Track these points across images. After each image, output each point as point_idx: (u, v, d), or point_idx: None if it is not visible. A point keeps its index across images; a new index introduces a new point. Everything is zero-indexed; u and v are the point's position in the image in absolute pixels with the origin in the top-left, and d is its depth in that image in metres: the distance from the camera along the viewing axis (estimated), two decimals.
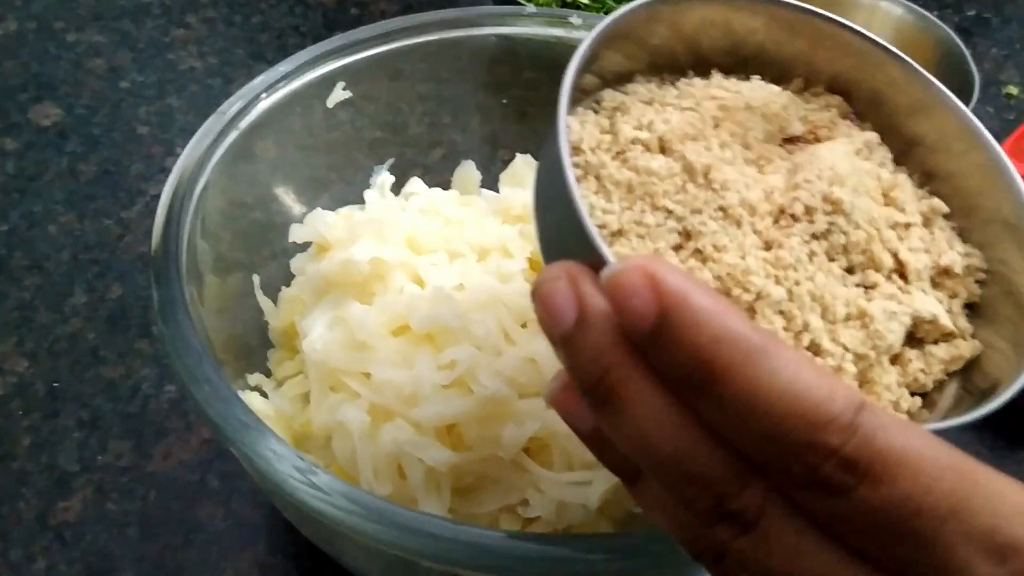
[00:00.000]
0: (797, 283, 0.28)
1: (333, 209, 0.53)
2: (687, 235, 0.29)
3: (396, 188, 0.56)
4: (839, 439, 0.21)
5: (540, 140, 0.30)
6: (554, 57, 0.57)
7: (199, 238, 0.43)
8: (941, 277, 0.31)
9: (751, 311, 0.28)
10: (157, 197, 0.65)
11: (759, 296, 0.28)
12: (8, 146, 0.68)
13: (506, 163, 0.58)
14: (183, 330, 0.37)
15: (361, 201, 0.54)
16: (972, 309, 0.32)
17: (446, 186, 0.58)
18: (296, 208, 0.53)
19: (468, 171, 0.57)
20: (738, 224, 0.29)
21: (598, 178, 0.30)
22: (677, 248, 0.29)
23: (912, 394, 0.30)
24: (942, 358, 0.30)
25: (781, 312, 0.28)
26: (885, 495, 0.21)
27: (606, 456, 0.28)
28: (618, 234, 0.29)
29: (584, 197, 0.29)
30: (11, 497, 0.51)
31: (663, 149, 0.30)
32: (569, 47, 0.56)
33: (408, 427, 0.39)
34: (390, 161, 0.57)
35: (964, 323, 0.31)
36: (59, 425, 0.54)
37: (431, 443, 0.39)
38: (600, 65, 0.32)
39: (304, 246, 0.50)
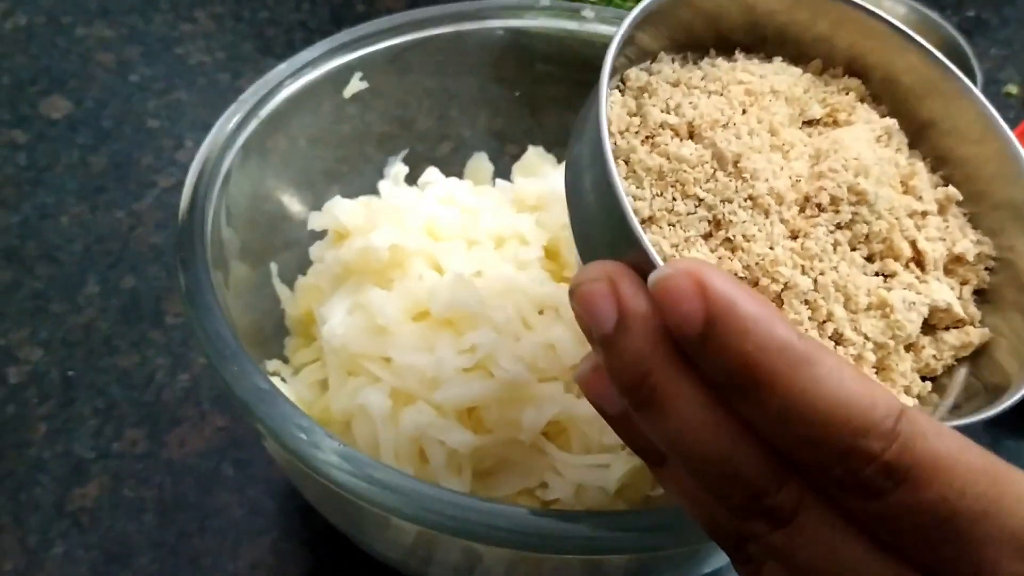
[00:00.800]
0: (822, 273, 0.29)
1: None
2: (716, 224, 0.29)
3: (407, 180, 0.56)
4: (880, 445, 0.22)
5: (576, 123, 0.30)
6: (565, 50, 0.58)
7: (224, 224, 0.43)
8: (953, 264, 0.32)
9: (778, 301, 0.28)
10: (167, 189, 0.67)
11: (786, 286, 0.28)
12: (19, 139, 0.69)
13: (514, 157, 0.58)
14: (211, 310, 0.37)
15: (371, 193, 0.55)
16: (980, 295, 0.32)
17: (456, 178, 0.58)
18: (307, 198, 0.54)
19: (481, 162, 0.57)
20: (766, 213, 0.29)
21: (628, 163, 0.30)
22: (707, 236, 0.29)
23: (923, 379, 0.30)
24: (953, 344, 0.31)
25: (807, 302, 0.28)
26: (922, 498, 0.22)
27: (632, 440, 0.28)
28: (649, 221, 0.29)
29: (623, 181, 0.29)
30: (28, 484, 0.51)
31: (692, 135, 0.30)
32: (580, 40, 0.56)
33: (430, 410, 0.40)
34: (404, 152, 0.57)
35: (973, 310, 0.32)
36: (74, 413, 0.54)
37: (453, 426, 0.40)
38: (634, 48, 0.32)
39: (319, 235, 0.51)
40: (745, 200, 0.29)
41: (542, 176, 0.53)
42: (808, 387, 0.22)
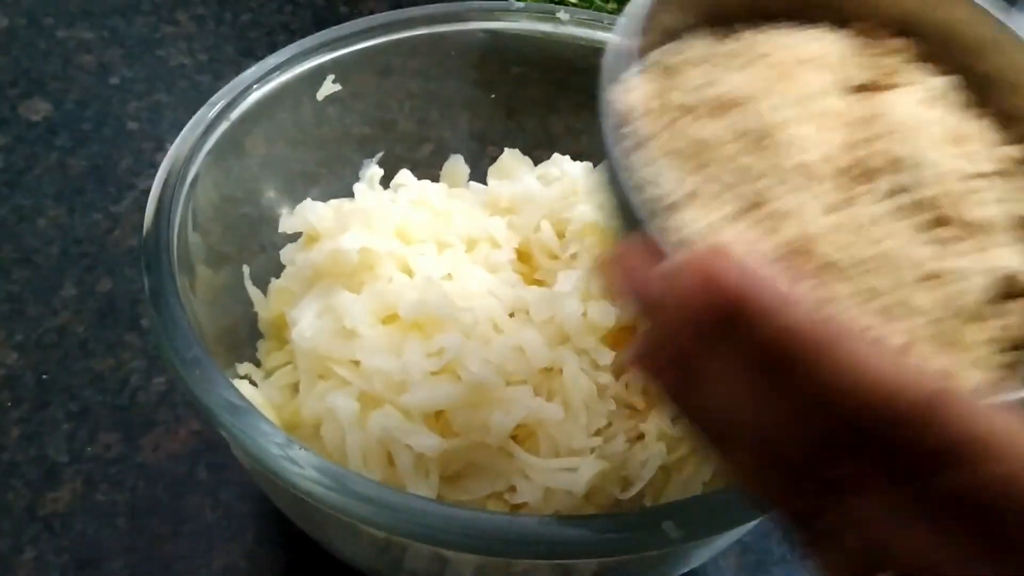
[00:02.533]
0: (870, 245, 0.27)
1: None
2: (753, 200, 0.28)
3: (384, 182, 0.56)
4: (915, 429, 0.21)
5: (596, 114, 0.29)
6: (542, 53, 0.57)
7: (190, 229, 0.43)
8: (1021, 229, 0.29)
9: (817, 277, 0.27)
10: (146, 192, 0.65)
11: (826, 262, 0.27)
12: None
13: (493, 160, 0.58)
14: (174, 314, 0.37)
15: (349, 195, 0.54)
16: None
17: (434, 181, 0.58)
18: (284, 202, 0.53)
19: (457, 165, 0.57)
20: (804, 187, 0.28)
21: (659, 145, 0.29)
22: (744, 212, 0.28)
23: (1006, 350, 0.28)
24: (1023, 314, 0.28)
25: (850, 277, 0.27)
26: (967, 479, 0.21)
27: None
28: (685, 201, 0.28)
29: (645, 166, 0.28)
30: (0, 488, 0.51)
31: (723, 110, 0.29)
32: (557, 43, 0.56)
33: (397, 414, 0.40)
34: (379, 155, 0.57)
35: None
36: (48, 416, 0.54)
37: (419, 429, 0.39)
38: (658, 24, 0.31)
39: (293, 237, 0.50)
40: (781, 174, 0.28)
41: (517, 179, 0.53)
42: (832, 371, 0.22)
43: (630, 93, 0.30)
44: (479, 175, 0.58)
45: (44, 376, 0.56)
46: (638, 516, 0.33)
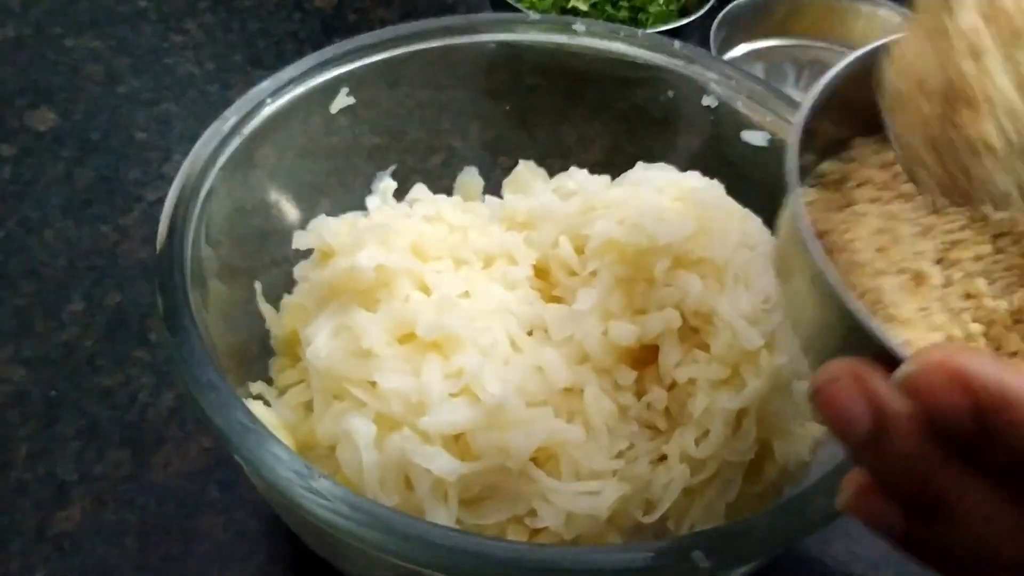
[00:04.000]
0: None
1: (333, 215, 0.53)
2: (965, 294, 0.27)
3: (397, 195, 0.55)
4: None
5: (777, 227, 0.29)
6: (555, 63, 0.57)
7: (203, 243, 0.42)
8: None
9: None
10: (154, 203, 0.66)
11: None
12: (5, 152, 0.68)
13: (506, 170, 0.58)
14: (188, 336, 0.36)
15: (360, 207, 0.54)
16: None
17: (446, 193, 0.57)
18: (296, 214, 0.53)
19: (471, 177, 0.57)
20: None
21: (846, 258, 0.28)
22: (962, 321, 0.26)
23: None
24: None
25: None
26: None
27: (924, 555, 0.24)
28: (901, 312, 0.26)
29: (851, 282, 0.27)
30: (9, 507, 0.50)
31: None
32: (571, 54, 0.56)
33: (415, 436, 0.39)
34: (392, 167, 0.56)
35: None
36: (57, 434, 0.53)
37: (438, 453, 0.39)
38: (813, 138, 0.30)
39: (306, 253, 0.50)
40: (991, 263, 0.27)
41: (533, 192, 0.52)
42: None
43: (810, 206, 0.29)
44: (491, 185, 0.58)
45: (52, 392, 0.55)
46: (667, 545, 0.32)
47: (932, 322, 0.26)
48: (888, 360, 0.22)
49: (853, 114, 0.30)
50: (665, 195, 0.46)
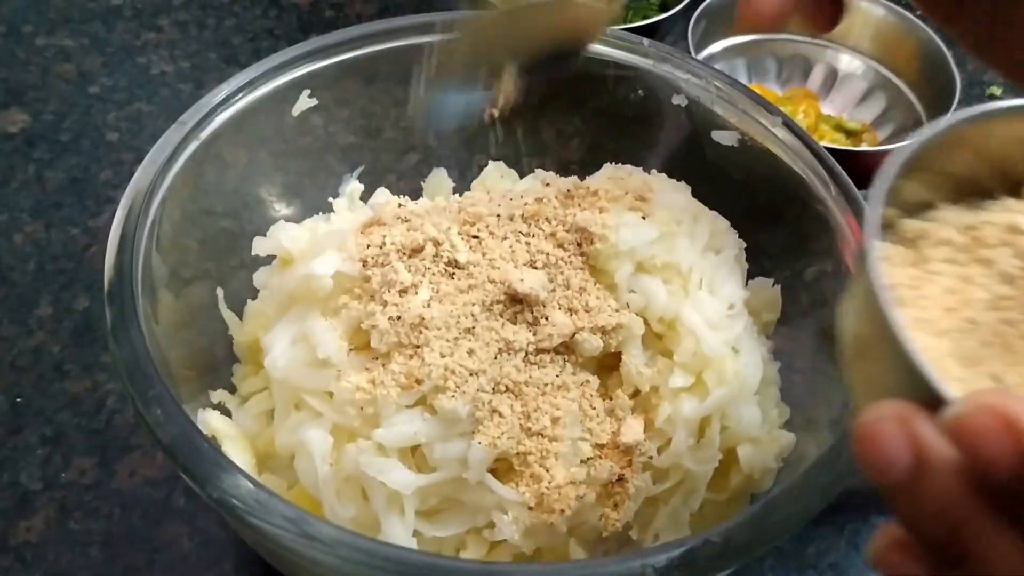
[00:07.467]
0: None
1: (307, 215, 0.52)
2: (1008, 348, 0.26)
3: (369, 192, 0.54)
4: None
5: (851, 280, 0.29)
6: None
7: (155, 252, 0.41)
8: None
9: None
10: None
11: None
12: None
13: (482, 168, 0.57)
14: (134, 349, 0.36)
15: (331, 209, 0.53)
16: None
17: (420, 190, 0.57)
18: (268, 214, 0.52)
19: (439, 178, 0.56)
20: None
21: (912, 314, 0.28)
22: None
23: None
24: None
25: None
26: None
27: None
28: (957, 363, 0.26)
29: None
30: None
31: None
32: None
33: (370, 448, 0.38)
34: (359, 169, 0.55)
35: None
36: (21, 441, 0.53)
37: (394, 465, 0.38)
38: (895, 197, 0.29)
39: (270, 258, 0.49)
40: None
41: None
42: None
43: (887, 262, 0.29)
44: (467, 184, 0.57)
45: (18, 399, 0.54)
46: (619, 568, 0.31)
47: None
48: (937, 410, 0.22)
49: (937, 178, 0.30)
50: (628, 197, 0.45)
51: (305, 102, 0.51)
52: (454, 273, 0.42)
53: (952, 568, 0.22)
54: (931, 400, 0.22)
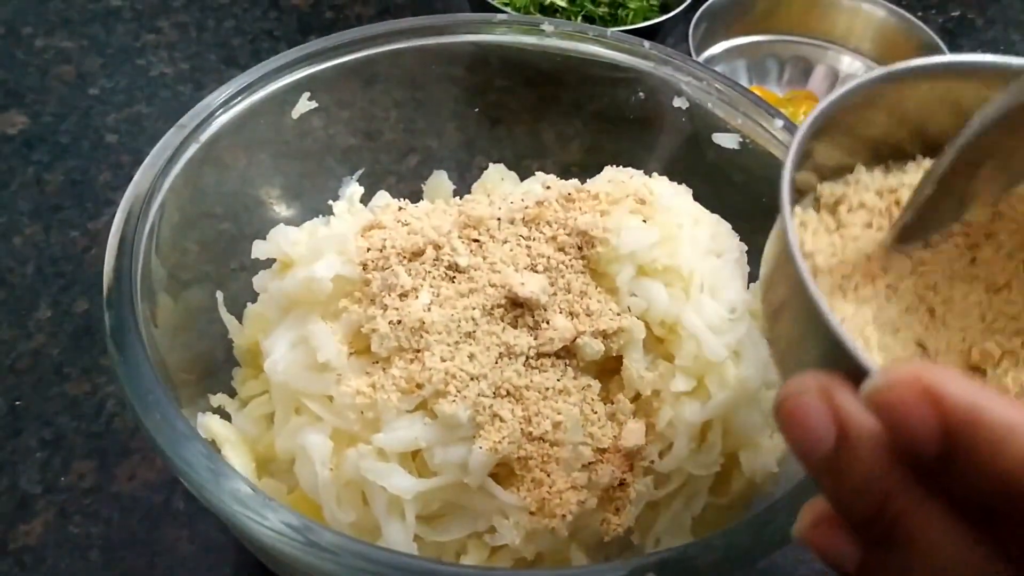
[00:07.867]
0: None
1: (307, 218, 0.52)
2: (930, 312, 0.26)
3: (368, 197, 0.54)
4: None
5: (767, 245, 0.29)
6: (526, 64, 0.56)
7: (154, 255, 0.41)
8: None
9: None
10: None
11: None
12: None
13: (483, 170, 0.57)
14: (134, 354, 0.35)
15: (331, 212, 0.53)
16: None
17: (421, 192, 0.56)
18: (268, 217, 0.52)
19: (440, 181, 0.56)
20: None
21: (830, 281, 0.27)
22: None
23: None
24: None
25: None
26: None
27: None
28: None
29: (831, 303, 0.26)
30: None
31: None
32: (541, 54, 0.55)
33: (371, 453, 0.38)
34: (359, 172, 0.55)
35: None
36: (21, 445, 0.52)
37: (395, 469, 0.38)
38: (814, 161, 0.29)
39: (270, 261, 0.49)
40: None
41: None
42: None
43: (804, 227, 0.29)
44: (467, 186, 0.57)
45: (17, 403, 0.54)
46: (621, 567, 0.31)
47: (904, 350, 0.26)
48: (860, 380, 0.22)
49: (855, 141, 0.30)
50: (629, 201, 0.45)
51: (305, 104, 0.50)
52: (455, 277, 0.42)
53: (879, 543, 0.22)
54: (854, 371, 0.22)
